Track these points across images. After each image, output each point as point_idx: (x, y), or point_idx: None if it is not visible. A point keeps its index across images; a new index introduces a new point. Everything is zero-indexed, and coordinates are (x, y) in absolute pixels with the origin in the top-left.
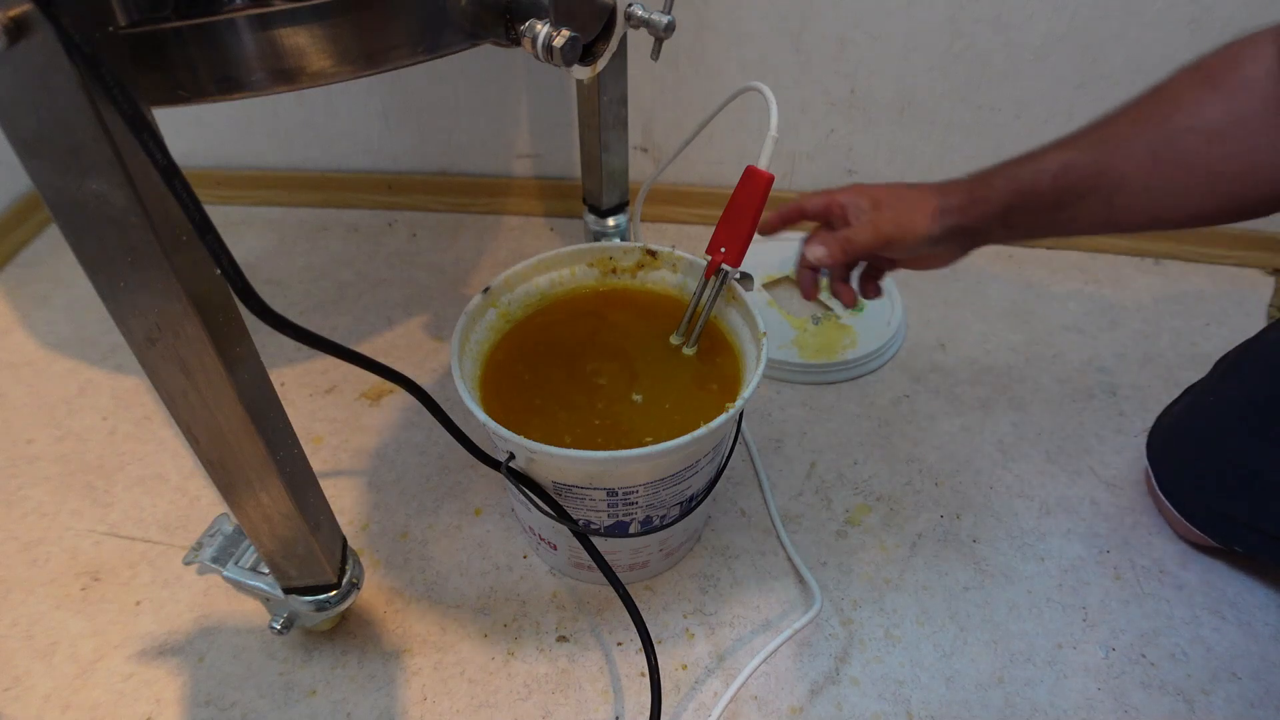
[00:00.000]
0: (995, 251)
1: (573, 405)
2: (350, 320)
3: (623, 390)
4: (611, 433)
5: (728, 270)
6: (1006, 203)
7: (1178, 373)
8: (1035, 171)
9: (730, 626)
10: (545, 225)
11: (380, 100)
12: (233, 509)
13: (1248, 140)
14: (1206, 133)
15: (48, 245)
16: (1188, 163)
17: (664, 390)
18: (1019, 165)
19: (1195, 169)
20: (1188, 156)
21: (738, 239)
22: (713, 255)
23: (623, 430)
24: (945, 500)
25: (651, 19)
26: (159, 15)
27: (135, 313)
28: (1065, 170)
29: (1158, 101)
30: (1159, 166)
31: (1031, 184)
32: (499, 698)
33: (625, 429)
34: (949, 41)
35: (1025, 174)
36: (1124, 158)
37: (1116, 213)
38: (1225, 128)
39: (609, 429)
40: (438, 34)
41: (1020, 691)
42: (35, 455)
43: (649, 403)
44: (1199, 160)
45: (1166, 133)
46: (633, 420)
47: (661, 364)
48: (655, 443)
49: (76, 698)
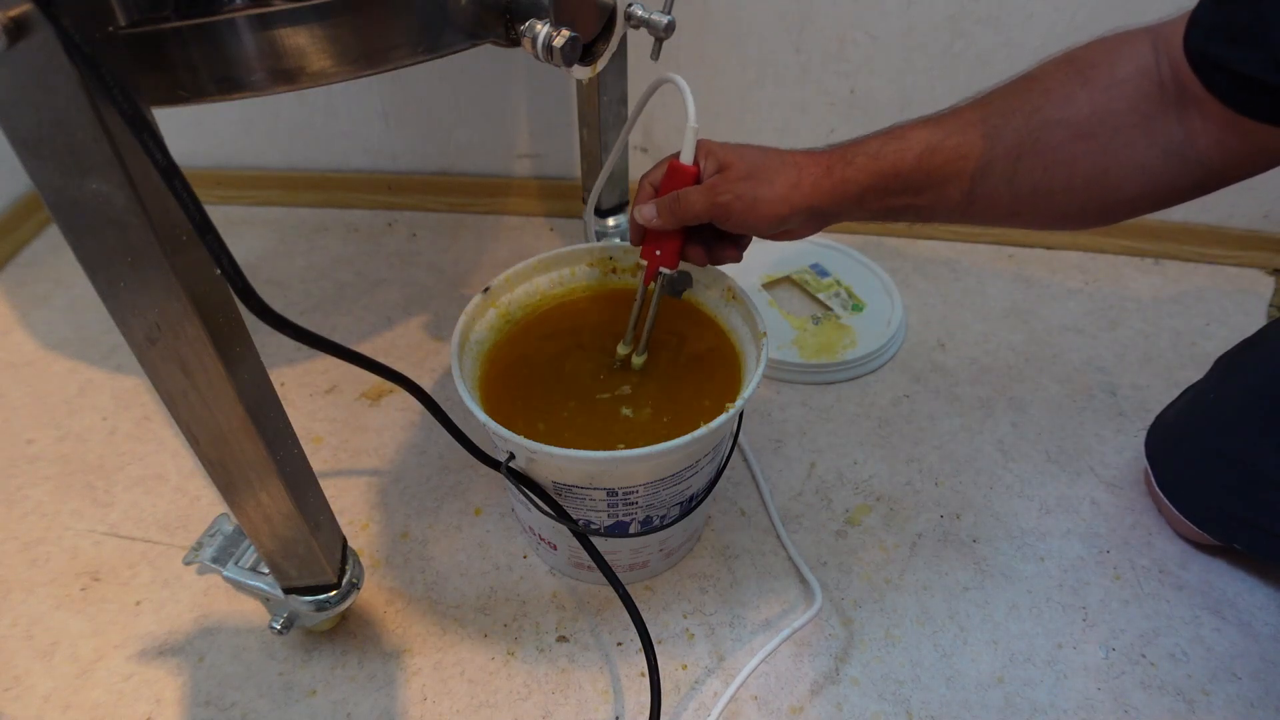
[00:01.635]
0: (995, 251)
1: (573, 405)
2: (350, 320)
3: (623, 390)
4: (611, 432)
5: (666, 272)
6: (867, 183)
7: (1178, 372)
8: (899, 151)
9: (730, 626)
10: (545, 225)
11: (380, 100)
12: (233, 509)
13: (1111, 140)
14: (1074, 128)
15: (48, 245)
16: (1053, 158)
17: (664, 390)
18: (883, 142)
19: (1060, 164)
20: (1054, 152)
21: (671, 241)
22: (649, 261)
23: (623, 430)
24: (945, 500)
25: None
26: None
27: (135, 313)
28: (930, 152)
29: (1029, 92)
30: (1024, 159)
31: (894, 165)
32: (499, 698)
33: (625, 429)
34: (949, 41)
35: (889, 152)
36: (990, 145)
37: (976, 202)
38: (1094, 125)
39: (609, 429)
40: (438, 34)
41: (1020, 691)
42: (35, 455)
43: (649, 403)
44: (1065, 156)
45: (1034, 125)
46: (633, 420)
47: (662, 364)
48: (655, 443)
49: (76, 698)
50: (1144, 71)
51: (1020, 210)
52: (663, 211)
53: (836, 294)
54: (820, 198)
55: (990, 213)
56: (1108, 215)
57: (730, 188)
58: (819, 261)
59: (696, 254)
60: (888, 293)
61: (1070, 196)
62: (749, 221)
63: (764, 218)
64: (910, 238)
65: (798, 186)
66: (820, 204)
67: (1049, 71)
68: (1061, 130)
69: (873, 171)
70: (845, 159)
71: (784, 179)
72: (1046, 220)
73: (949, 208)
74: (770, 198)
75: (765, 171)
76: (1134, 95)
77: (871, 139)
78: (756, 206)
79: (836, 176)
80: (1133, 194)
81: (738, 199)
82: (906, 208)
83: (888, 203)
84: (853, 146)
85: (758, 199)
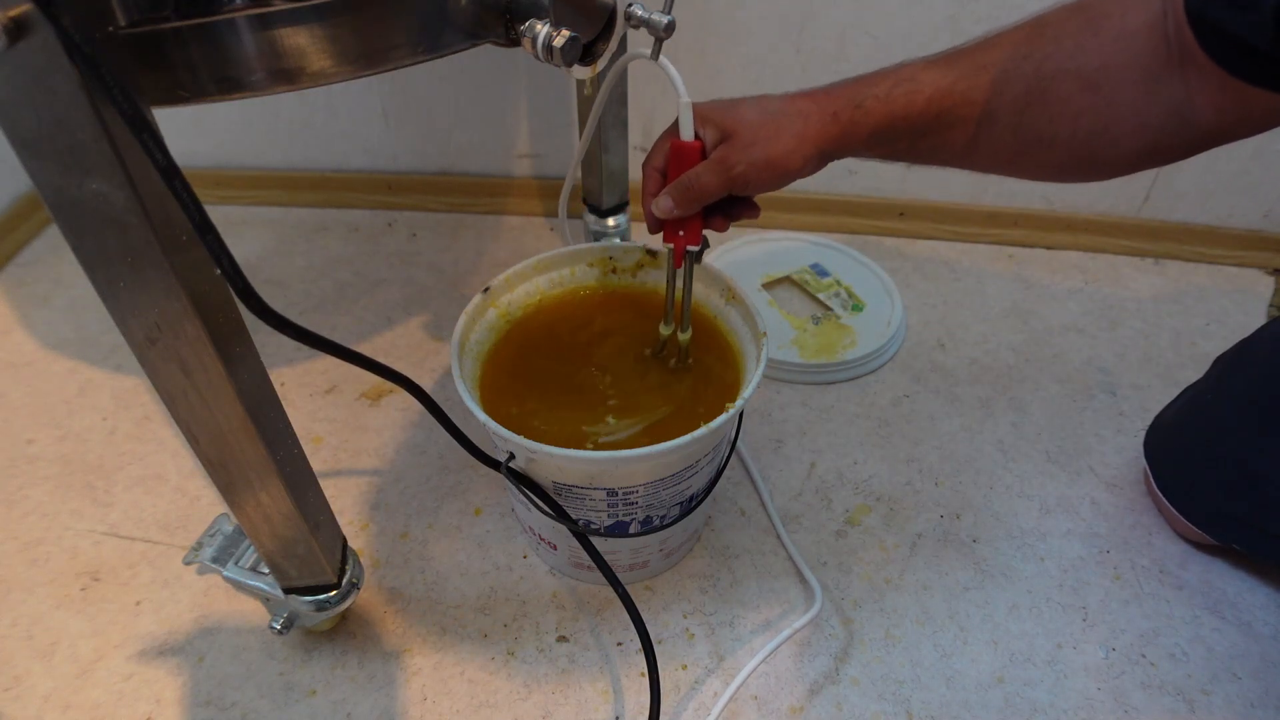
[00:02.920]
0: (995, 251)
1: (573, 405)
2: (350, 320)
3: (623, 390)
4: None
5: (692, 250)
6: (877, 126)
7: (1178, 372)
8: (909, 94)
9: (730, 626)
10: (545, 225)
11: (380, 100)
12: (233, 509)
13: (1119, 94)
14: (1083, 79)
15: (48, 245)
16: (1060, 110)
17: (664, 390)
18: (893, 84)
19: (1065, 117)
20: (1061, 103)
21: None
22: (673, 243)
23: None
24: (945, 500)
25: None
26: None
27: (135, 313)
28: (941, 94)
29: (1040, 38)
30: (1031, 107)
31: (904, 109)
32: (499, 698)
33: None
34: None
35: (898, 95)
36: (998, 91)
37: (979, 148)
38: (1101, 77)
39: (609, 429)
40: (438, 34)
41: (1020, 691)
42: (35, 455)
43: (649, 403)
44: (1071, 108)
45: (1044, 73)
46: (633, 420)
47: (662, 364)
48: (655, 443)
49: (76, 698)
50: (1152, 25)
51: (1021, 159)
52: (678, 199)
53: (836, 294)
54: (828, 143)
55: (991, 159)
56: (1105, 169)
57: (740, 156)
58: (819, 261)
59: (719, 224)
60: (888, 293)
61: (1072, 148)
62: (766, 183)
63: (779, 175)
64: (910, 238)
65: (805, 137)
66: (827, 148)
67: (1061, 18)
68: (1070, 81)
69: (882, 114)
70: (853, 102)
71: (790, 132)
72: (1045, 171)
73: (952, 152)
74: (780, 155)
75: (770, 129)
76: (1141, 50)
77: (880, 79)
78: (771, 167)
79: (844, 120)
80: (1132, 150)
81: (750, 166)
82: (909, 149)
83: (893, 146)
84: (861, 87)
85: (770, 160)
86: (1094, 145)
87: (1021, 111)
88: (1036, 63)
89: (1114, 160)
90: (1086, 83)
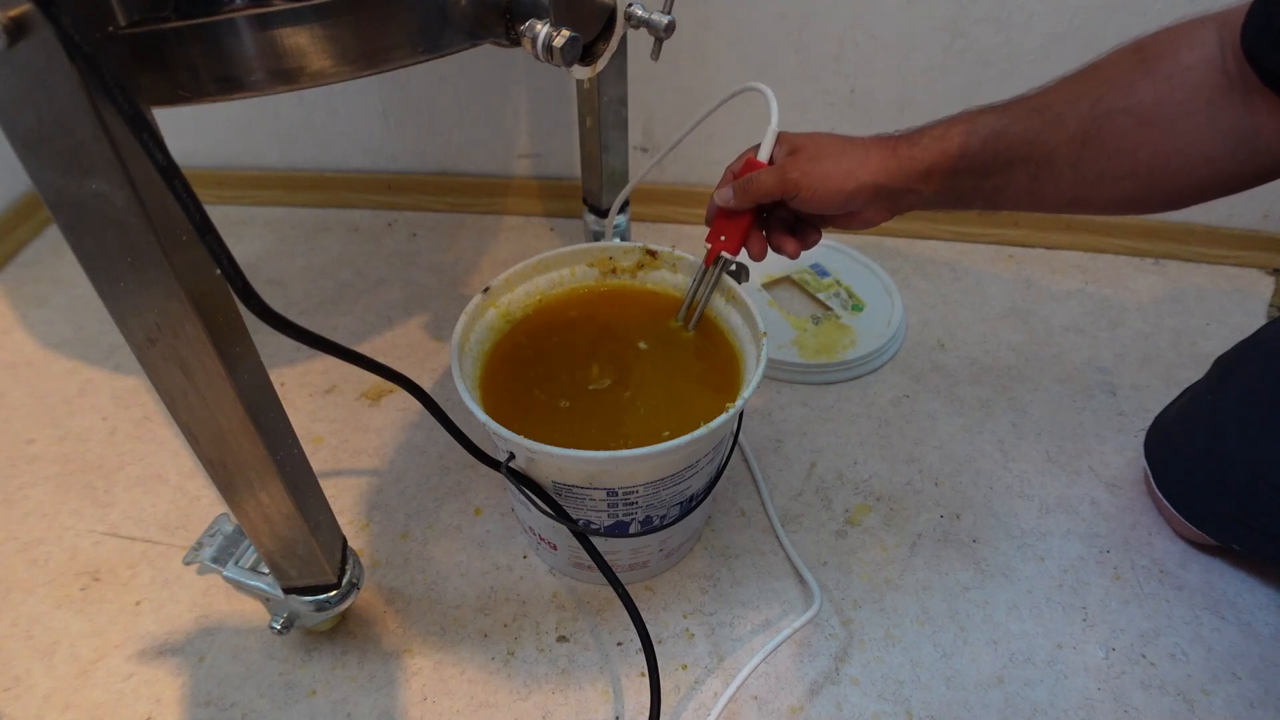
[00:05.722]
0: (995, 251)
1: (573, 405)
2: (350, 320)
3: (623, 390)
4: (612, 433)
5: (726, 258)
6: (933, 163)
7: (1178, 373)
8: (965, 134)
9: (730, 626)
10: (545, 225)
11: (380, 100)
12: (233, 509)
13: (1176, 127)
14: (1137, 116)
15: (48, 245)
16: (1116, 146)
17: (664, 390)
18: (949, 126)
19: (1122, 153)
20: (1117, 139)
21: (737, 229)
22: (713, 244)
23: (623, 430)
24: (945, 500)
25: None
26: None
27: (135, 313)
28: (996, 136)
29: (1094, 80)
30: (1088, 146)
31: (961, 147)
32: (499, 698)
33: (625, 429)
34: (949, 41)
35: (954, 134)
36: (1055, 132)
37: (1042, 187)
38: (1156, 113)
39: (609, 429)
40: (438, 34)
41: (1020, 691)
42: (35, 455)
43: (649, 403)
44: (1127, 144)
45: (1098, 113)
46: (633, 420)
47: (662, 364)
48: (655, 443)
49: (76, 698)
50: (1208, 60)
51: (1085, 196)
52: (737, 191)
53: (836, 294)
54: (886, 175)
55: (1057, 198)
56: (1172, 201)
57: (799, 166)
58: (819, 261)
59: (757, 245)
60: (888, 293)
61: (1134, 183)
62: (817, 196)
63: (831, 192)
64: (910, 238)
65: (864, 164)
66: (885, 181)
67: (1114, 60)
68: (1124, 118)
69: (938, 152)
70: (911, 140)
71: (850, 157)
72: (1115, 206)
73: (1016, 192)
74: (836, 174)
75: (833, 151)
76: (1198, 83)
77: (939, 123)
78: (825, 182)
79: (902, 155)
80: (1196, 181)
81: (805, 175)
82: (974, 190)
83: (955, 185)
84: (921, 130)
85: (826, 175)
86: (1157, 178)
87: (1079, 150)
88: (1090, 103)
89: (1181, 190)
90: (1141, 118)
